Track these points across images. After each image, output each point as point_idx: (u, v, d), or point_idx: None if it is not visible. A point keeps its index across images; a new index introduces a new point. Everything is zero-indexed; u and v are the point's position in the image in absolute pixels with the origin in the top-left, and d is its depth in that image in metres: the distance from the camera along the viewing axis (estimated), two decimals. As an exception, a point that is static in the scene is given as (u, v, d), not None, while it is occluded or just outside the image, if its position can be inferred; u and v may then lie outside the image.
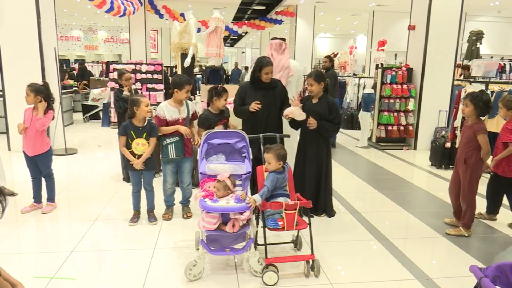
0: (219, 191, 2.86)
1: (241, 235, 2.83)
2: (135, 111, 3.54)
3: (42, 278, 2.78)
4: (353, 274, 2.95)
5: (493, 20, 15.31)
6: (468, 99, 3.56)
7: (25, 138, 3.87)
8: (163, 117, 3.67)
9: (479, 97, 3.50)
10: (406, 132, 7.61)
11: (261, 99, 3.83)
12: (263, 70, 3.82)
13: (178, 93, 3.66)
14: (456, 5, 7.13)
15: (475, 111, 3.52)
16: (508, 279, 1.67)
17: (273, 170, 2.95)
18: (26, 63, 6.31)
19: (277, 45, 4.55)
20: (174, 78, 3.79)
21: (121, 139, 3.62)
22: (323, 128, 3.81)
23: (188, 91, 3.68)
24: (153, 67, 7.84)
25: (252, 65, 4.46)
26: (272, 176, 2.92)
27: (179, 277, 2.85)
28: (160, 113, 3.68)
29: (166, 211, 3.96)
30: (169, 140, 3.67)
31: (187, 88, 3.65)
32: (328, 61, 8.14)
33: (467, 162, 3.58)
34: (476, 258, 3.23)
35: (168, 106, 3.71)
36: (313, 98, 3.93)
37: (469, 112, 3.57)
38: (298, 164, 4.03)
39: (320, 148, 3.92)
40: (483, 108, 3.50)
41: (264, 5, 13.90)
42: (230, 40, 26.88)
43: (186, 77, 3.73)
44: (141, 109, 3.53)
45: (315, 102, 3.90)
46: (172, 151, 3.68)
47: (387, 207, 4.45)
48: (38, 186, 4.06)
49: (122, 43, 22.36)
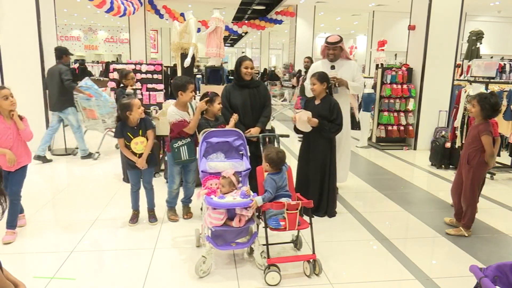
0: (224, 187, 2.92)
1: (244, 230, 2.91)
2: (128, 115, 3.46)
3: (42, 278, 2.79)
4: (353, 274, 2.96)
5: (493, 20, 15.31)
6: (475, 99, 3.54)
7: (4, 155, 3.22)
8: (182, 119, 3.55)
9: (487, 99, 3.48)
10: (406, 132, 7.61)
11: (246, 97, 3.89)
12: (243, 65, 3.86)
13: (183, 95, 3.55)
14: (456, 5, 7.12)
15: (481, 112, 3.51)
16: (508, 279, 1.67)
17: (266, 171, 2.99)
18: (26, 63, 6.30)
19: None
20: (175, 81, 3.67)
21: (119, 142, 3.58)
22: (323, 129, 3.82)
23: (192, 91, 3.60)
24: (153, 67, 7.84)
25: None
26: (269, 179, 2.94)
27: (180, 275, 2.86)
28: (176, 117, 3.54)
29: (170, 212, 3.91)
30: (180, 142, 3.60)
31: (191, 88, 3.57)
32: (309, 61, 8.74)
33: (470, 162, 3.57)
34: (476, 258, 3.23)
35: (179, 111, 3.58)
36: (316, 99, 3.96)
37: (475, 113, 3.56)
38: (302, 166, 4.06)
39: (324, 148, 3.93)
40: (489, 111, 3.49)
41: (264, 5, 13.91)
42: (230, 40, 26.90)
43: (186, 78, 3.69)
44: (134, 112, 3.46)
45: (318, 103, 3.93)
46: (185, 153, 3.62)
47: (387, 207, 4.45)
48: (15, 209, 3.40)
49: (122, 43, 22.36)
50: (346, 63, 4.47)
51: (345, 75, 4.37)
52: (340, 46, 4.40)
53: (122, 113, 3.48)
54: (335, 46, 4.37)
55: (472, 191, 3.60)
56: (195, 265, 2.85)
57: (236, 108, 3.90)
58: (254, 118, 3.95)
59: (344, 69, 4.41)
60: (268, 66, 23.61)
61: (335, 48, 4.38)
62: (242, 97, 3.91)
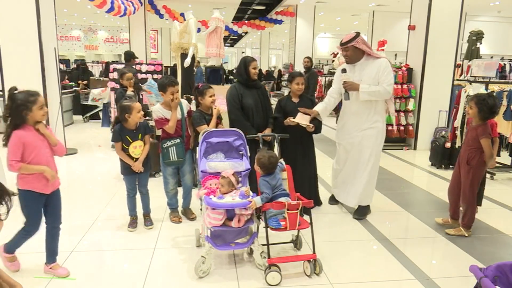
0: (223, 187, 2.92)
1: (243, 230, 2.91)
2: (127, 118, 3.41)
3: (42, 278, 2.79)
4: (353, 274, 2.95)
5: (493, 20, 15.31)
6: (473, 101, 3.53)
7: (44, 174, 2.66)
8: (164, 117, 3.61)
9: (485, 101, 3.46)
10: (406, 132, 7.61)
11: (257, 98, 3.90)
12: (251, 65, 3.85)
13: (164, 96, 3.61)
14: (456, 5, 7.12)
15: (479, 114, 3.51)
16: (508, 279, 1.68)
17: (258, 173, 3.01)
18: (26, 63, 6.30)
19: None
20: (158, 80, 3.78)
21: (116, 145, 3.49)
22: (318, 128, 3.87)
23: (173, 93, 3.56)
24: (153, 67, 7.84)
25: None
26: (262, 181, 2.94)
27: (180, 275, 2.86)
28: (158, 115, 3.62)
29: (173, 213, 3.90)
30: (169, 142, 3.62)
31: (170, 90, 3.55)
32: (309, 61, 9.04)
33: (470, 163, 3.57)
34: (476, 258, 3.23)
35: (163, 109, 3.64)
36: (293, 97, 3.97)
37: (472, 114, 3.56)
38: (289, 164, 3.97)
39: (305, 141, 3.97)
40: (486, 113, 3.48)
41: (264, 5, 13.92)
42: (230, 40, 26.90)
43: (170, 79, 3.65)
44: (133, 116, 3.40)
45: (297, 101, 3.95)
46: (174, 154, 3.63)
47: (387, 207, 4.45)
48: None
49: (122, 43, 22.36)
50: (371, 63, 3.83)
51: (366, 78, 3.80)
52: (353, 45, 3.79)
53: (121, 115, 3.42)
54: (346, 47, 3.83)
55: (472, 191, 3.60)
56: (195, 265, 2.85)
57: (249, 108, 3.86)
58: (265, 118, 3.96)
59: (366, 72, 3.82)
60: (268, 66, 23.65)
61: (346, 49, 3.84)
62: (253, 97, 3.89)
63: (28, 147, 2.53)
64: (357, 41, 3.77)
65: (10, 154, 2.50)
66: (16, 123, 2.53)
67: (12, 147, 2.50)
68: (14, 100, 2.50)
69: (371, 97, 3.77)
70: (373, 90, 3.74)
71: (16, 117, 2.52)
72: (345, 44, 3.81)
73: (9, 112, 2.52)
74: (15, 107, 2.50)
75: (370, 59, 3.85)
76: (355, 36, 3.79)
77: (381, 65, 3.79)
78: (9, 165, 2.52)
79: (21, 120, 2.52)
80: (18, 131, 2.51)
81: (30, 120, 2.55)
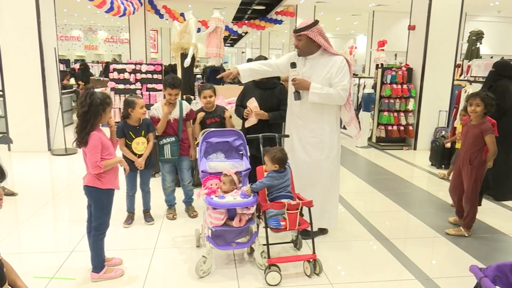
0: (225, 185, 2.93)
1: (244, 230, 2.91)
2: (130, 112, 3.47)
3: (42, 278, 2.79)
4: (353, 274, 2.96)
5: (493, 20, 15.30)
6: (479, 98, 3.49)
7: (115, 169, 2.77)
8: (157, 117, 3.72)
9: (489, 96, 3.48)
10: (406, 132, 7.61)
11: (257, 98, 3.83)
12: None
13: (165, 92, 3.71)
14: (456, 5, 7.13)
15: (485, 110, 3.50)
16: (508, 279, 1.67)
17: (266, 170, 3.00)
18: (26, 63, 6.31)
19: None
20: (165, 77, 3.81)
21: (120, 141, 3.51)
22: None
23: (170, 94, 3.63)
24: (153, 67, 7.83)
25: None
26: (271, 174, 2.92)
27: (180, 275, 2.86)
28: (153, 113, 3.75)
29: (169, 210, 3.95)
30: (165, 140, 3.70)
31: (167, 91, 3.63)
32: None
33: (473, 163, 3.55)
34: (476, 258, 3.23)
35: (159, 108, 3.76)
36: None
37: (481, 111, 3.50)
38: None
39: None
40: (493, 107, 3.49)
41: (264, 5, 13.89)
42: (230, 40, 26.87)
43: (172, 80, 3.65)
44: (136, 111, 3.45)
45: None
46: (168, 151, 3.70)
47: (387, 207, 4.45)
48: None
49: (122, 43, 22.34)
50: (325, 59, 3.23)
51: (315, 76, 3.21)
52: (307, 35, 3.15)
53: (125, 110, 3.51)
54: (299, 35, 3.20)
55: (475, 192, 3.59)
56: (196, 265, 2.85)
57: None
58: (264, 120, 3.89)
59: (316, 68, 3.24)
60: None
61: (299, 37, 3.20)
62: (257, 98, 3.82)
63: (104, 147, 2.59)
64: (313, 30, 3.15)
65: (93, 156, 2.53)
66: (94, 123, 2.55)
67: (94, 149, 2.53)
68: (94, 100, 2.50)
69: (322, 100, 3.18)
70: (325, 93, 3.15)
71: (95, 117, 2.54)
72: (299, 32, 3.20)
73: (87, 111, 2.50)
74: (95, 107, 2.51)
75: (325, 54, 3.24)
76: (312, 23, 3.17)
77: (335, 64, 3.19)
78: (93, 167, 2.54)
79: (97, 120, 2.57)
80: (95, 133, 2.55)
81: (103, 120, 2.62)
